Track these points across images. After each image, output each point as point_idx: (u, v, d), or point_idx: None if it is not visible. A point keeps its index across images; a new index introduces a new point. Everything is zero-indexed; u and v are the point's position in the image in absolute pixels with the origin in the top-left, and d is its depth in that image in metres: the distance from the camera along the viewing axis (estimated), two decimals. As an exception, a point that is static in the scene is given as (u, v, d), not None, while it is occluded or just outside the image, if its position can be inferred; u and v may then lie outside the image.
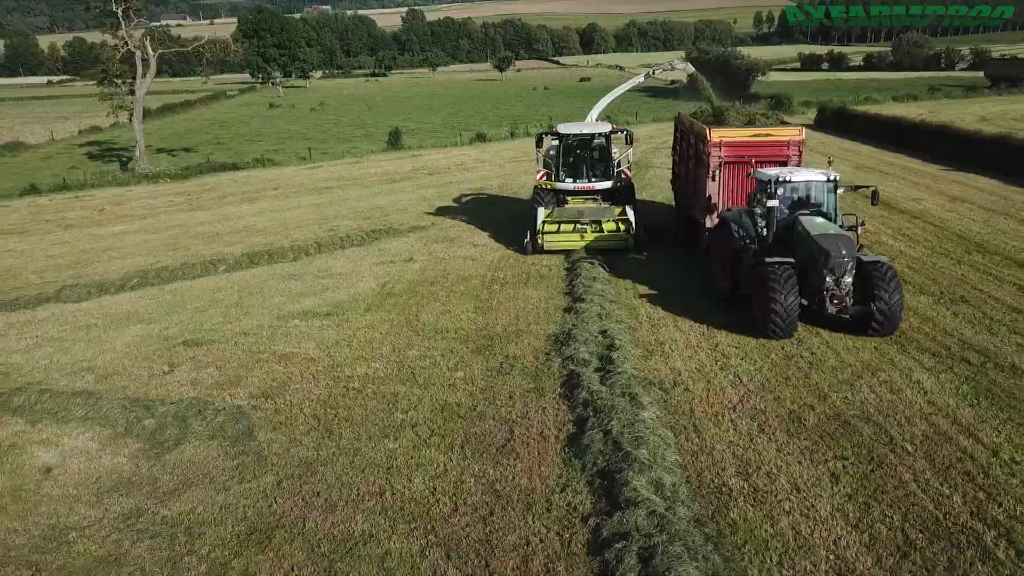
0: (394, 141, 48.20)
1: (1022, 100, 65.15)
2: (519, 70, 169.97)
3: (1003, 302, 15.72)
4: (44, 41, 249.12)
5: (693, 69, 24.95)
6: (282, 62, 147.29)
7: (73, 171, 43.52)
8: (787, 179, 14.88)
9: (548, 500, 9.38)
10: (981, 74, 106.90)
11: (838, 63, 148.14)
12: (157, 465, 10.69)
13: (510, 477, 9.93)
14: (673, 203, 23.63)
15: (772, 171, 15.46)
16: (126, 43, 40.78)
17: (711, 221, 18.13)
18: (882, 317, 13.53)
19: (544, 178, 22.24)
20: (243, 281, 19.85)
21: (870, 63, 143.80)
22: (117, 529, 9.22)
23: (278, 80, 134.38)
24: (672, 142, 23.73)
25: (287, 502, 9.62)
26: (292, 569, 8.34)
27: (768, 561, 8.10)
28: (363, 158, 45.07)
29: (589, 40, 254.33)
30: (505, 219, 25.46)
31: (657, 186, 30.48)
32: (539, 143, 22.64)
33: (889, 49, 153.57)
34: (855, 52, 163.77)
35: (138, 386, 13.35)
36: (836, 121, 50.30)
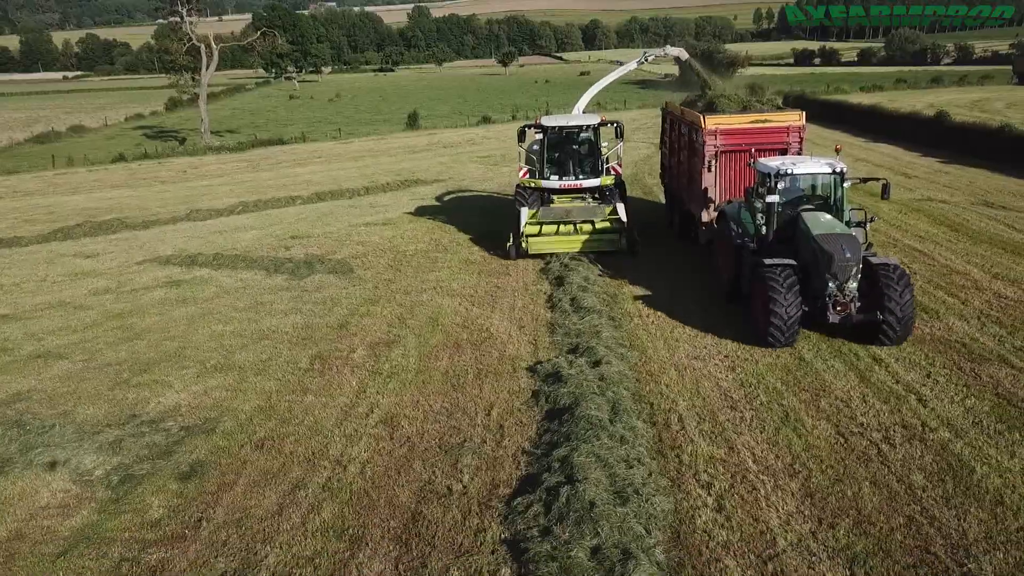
0: (412, 122, 55.99)
1: (975, 92, 72.16)
2: (522, 65, 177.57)
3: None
4: (55, 37, 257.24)
5: (687, 55, 24.40)
6: (294, 57, 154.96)
7: (139, 147, 51.42)
8: (789, 171, 13.60)
9: (527, 288, 17.07)
10: (966, 68, 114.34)
11: (830, 58, 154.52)
12: (301, 283, 18.37)
13: (507, 283, 17.62)
14: (662, 198, 23.91)
15: (774, 162, 14.16)
16: (190, 39, 48.64)
17: (708, 215, 17.51)
18: (892, 326, 12.39)
19: (527, 176, 20.56)
20: (317, 209, 27.59)
21: (864, 59, 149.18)
22: (291, 302, 16.87)
23: (294, 75, 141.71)
24: (660, 134, 23.55)
25: (381, 292, 17.29)
26: (390, 312, 15.93)
27: (647, 328, 15.70)
28: (387, 136, 52.98)
29: (591, 36, 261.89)
30: (507, 176, 33.03)
31: (629, 155, 37.98)
32: (521, 137, 20.66)
33: (882, 45, 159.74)
34: (849, 48, 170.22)
35: (269, 254, 21.03)
36: (796, 106, 57.50)
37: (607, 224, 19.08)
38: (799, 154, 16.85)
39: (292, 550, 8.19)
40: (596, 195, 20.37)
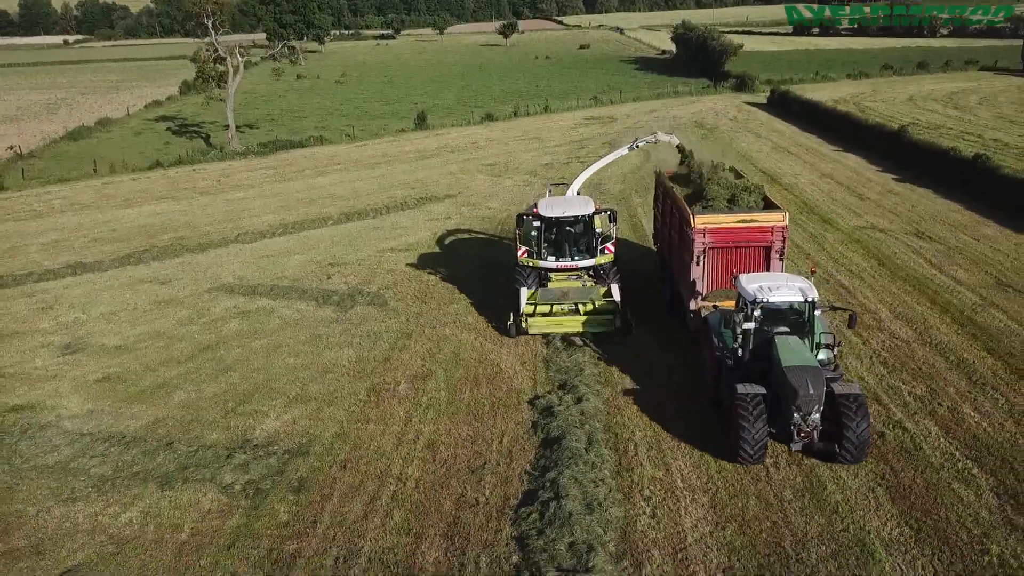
0: (420, 122, 59.80)
1: (957, 80, 75.48)
2: (523, 32, 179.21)
3: (795, 244, 27.58)
4: (54, 0, 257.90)
5: (678, 140, 26.06)
6: (298, 28, 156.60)
7: (168, 145, 55.51)
8: (765, 300, 15.02)
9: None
10: (960, 41, 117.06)
11: (827, 29, 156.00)
12: (346, 314, 22.82)
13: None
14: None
15: (752, 285, 15.46)
16: (216, 50, 52.42)
17: (696, 304, 18.79)
18: (850, 451, 13.97)
19: (525, 255, 21.67)
20: (347, 231, 31.92)
21: (862, 28, 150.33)
22: (342, 335, 21.34)
23: (297, 50, 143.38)
24: (653, 199, 25.14)
25: (412, 325, 21.76)
26: (422, 347, 20.39)
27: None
28: (398, 137, 56.92)
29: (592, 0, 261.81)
30: (509, 192, 37.27)
31: (617, 168, 42.06)
32: (519, 223, 22.25)
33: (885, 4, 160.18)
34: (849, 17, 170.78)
35: (316, 284, 25.44)
36: (780, 102, 61.57)
37: (602, 305, 20.70)
38: (782, 252, 18.61)
39: (379, 543, 12.83)
40: (591, 273, 21.72)
